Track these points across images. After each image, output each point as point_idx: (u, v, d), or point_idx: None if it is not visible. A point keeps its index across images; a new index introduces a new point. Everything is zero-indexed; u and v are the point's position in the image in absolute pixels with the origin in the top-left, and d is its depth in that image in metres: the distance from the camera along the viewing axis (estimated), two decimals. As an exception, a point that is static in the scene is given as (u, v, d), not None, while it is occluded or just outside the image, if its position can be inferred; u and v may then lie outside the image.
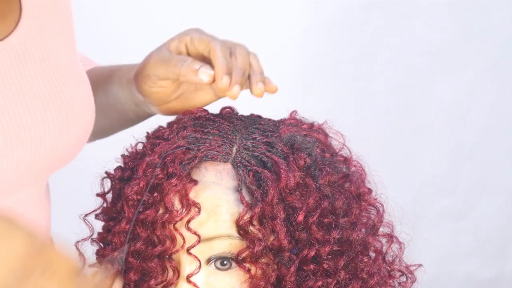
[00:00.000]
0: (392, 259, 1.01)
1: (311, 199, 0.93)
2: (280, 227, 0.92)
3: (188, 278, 0.93)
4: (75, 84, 1.01)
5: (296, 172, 0.94)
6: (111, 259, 0.96)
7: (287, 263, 0.93)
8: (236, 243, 0.93)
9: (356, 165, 1.02)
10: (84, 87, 1.03)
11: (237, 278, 0.94)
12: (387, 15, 2.59)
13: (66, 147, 0.99)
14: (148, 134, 1.02)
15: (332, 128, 1.02)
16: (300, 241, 0.94)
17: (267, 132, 0.99)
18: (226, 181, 0.94)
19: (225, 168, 0.95)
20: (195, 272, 0.93)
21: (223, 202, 0.93)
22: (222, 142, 0.96)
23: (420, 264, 1.01)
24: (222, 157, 0.95)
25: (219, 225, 0.92)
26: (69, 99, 0.99)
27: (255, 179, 0.93)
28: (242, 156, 0.95)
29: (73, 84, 1.00)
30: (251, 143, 0.97)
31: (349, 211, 0.97)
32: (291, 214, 0.93)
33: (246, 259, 0.93)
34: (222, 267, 0.93)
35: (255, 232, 0.92)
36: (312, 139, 0.99)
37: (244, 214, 0.92)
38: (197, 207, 0.92)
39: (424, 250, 1.01)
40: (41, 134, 0.95)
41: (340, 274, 0.95)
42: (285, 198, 0.93)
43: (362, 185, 1.01)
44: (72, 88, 1.00)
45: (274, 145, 0.96)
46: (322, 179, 0.95)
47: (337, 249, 0.95)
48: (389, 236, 1.01)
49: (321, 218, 0.94)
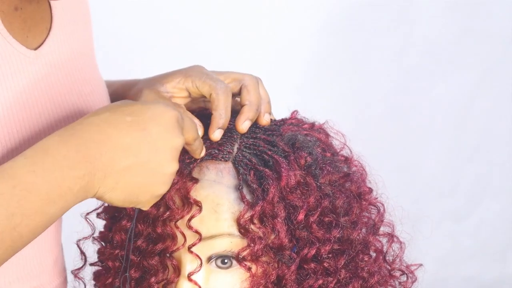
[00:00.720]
0: (392, 258, 1.01)
1: (312, 197, 0.93)
2: (280, 226, 0.92)
3: (189, 277, 0.93)
4: (98, 93, 1.02)
5: (297, 171, 0.94)
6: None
7: (288, 261, 0.94)
8: (237, 241, 0.93)
9: (357, 164, 1.02)
10: (106, 96, 1.04)
11: (237, 277, 0.94)
12: (387, 16, 2.59)
13: None
14: None
15: (333, 128, 1.02)
16: (300, 239, 0.94)
17: (268, 131, 0.99)
18: (227, 179, 0.94)
19: (226, 166, 0.95)
20: (196, 270, 0.93)
21: (224, 201, 0.93)
22: (223, 141, 0.97)
23: (420, 264, 1.01)
24: (223, 155, 0.95)
25: (220, 224, 0.93)
26: (95, 108, 0.99)
27: (256, 177, 0.93)
28: (243, 154, 0.95)
29: (97, 94, 1.02)
30: (252, 142, 0.97)
31: (349, 210, 0.97)
32: (292, 212, 0.93)
33: (247, 258, 0.93)
34: (222, 266, 0.94)
35: (255, 231, 0.92)
36: (313, 139, 1.00)
37: (245, 213, 0.92)
38: (198, 205, 0.92)
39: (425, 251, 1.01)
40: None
41: (340, 273, 0.95)
42: (285, 196, 0.93)
43: (362, 184, 1.01)
44: (96, 97, 1.01)
45: (275, 144, 0.96)
46: (322, 178, 0.96)
47: (338, 248, 0.95)
48: (390, 235, 1.01)
49: (321, 217, 0.94)
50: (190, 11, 2.45)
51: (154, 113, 0.86)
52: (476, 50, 2.65)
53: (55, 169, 0.80)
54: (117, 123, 0.84)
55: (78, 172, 0.81)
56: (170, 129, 0.86)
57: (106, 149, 0.83)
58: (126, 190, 0.85)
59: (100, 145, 0.83)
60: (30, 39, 0.94)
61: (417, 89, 2.66)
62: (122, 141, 0.84)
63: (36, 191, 0.79)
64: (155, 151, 0.85)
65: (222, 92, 0.97)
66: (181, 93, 1.02)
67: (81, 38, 1.02)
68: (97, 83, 1.03)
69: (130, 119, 0.84)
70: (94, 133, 0.83)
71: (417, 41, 2.62)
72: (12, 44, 0.91)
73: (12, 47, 0.91)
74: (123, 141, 0.84)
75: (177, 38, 2.43)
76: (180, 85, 1.01)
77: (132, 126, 0.84)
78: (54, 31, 0.97)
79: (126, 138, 0.84)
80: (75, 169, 0.81)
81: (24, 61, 0.92)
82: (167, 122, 0.86)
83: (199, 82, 0.99)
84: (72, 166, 0.81)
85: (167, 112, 0.86)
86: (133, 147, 0.84)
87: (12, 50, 0.91)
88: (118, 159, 0.83)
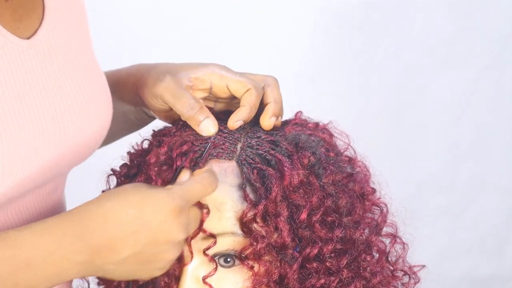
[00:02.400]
0: (395, 259, 1.02)
1: (315, 197, 0.94)
2: (283, 225, 0.92)
3: (204, 280, 0.93)
4: (95, 80, 1.02)
5: (300, 170, 0.94)
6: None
7: (290, 260, 0.94)
8: (239, 240, 0.93)
9: (361, 165, 1.02)
10: (102, 83, 1.04)
11: (240, 275, 0.94)
12: (385, 14, 2.59)
13: (88, 141, 1.00)
14: (154, 131, 1.02)
15: (337, 128, 1.03)
16: (303, 239, 0.94)
17: (271, 131, 0.99)
18: (231, 178, 0.94)
19: (229, 165, 0.95)
20: (211, 274, 0.93)
21: (228, 200, 0.93)
22: (226, 140, 0.97)
23: (423, 265, 1.02)
24: (227, 154, 0.95)
25: (223, 222, 0.93)
26: (91, 94, 0.99)
27: (259, 176, 0.94)
28: (247, 154, 0.95)
29: (93, 80, 1.01)
30: (256, 141, 0.97)
31: (352, 210, 0.97)
32: (295, 212, 0.93)
33: (250, 256, 0.93)
34: (225, 264, 0.94)
35: (258, 230, 0.92)
36: (317, 139, 1.00)
37: (248, 212, 0.92)
38: (205, 208, 0.93)
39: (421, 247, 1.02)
40: (65, 128, 0.96)
41: (342, 273, 0.95)
42: (288, 196, 0.93)
43: (366, 185, 1.01)
44: (93, 84, 1.01)
45: (278, 143, 0.96)
46: (326, 178, 0.96)
47: (340, 248, 0.95)
48: (393, 236, 1.02)
49: (324, 217, 0.94)
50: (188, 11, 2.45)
51: (156, 205, 0.86)
52: (473, 48, 2.65)
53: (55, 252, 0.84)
54: (119, 217, 0.86)
55: (80, 259, 0.85)
56: (170, 222, 0.86)
57: (107, 241, 0.85)
58: (123, 275, 0.88)
59: (100, 236, 0.85)
60: (22, 29, 0.93)
61: (414, 87, 2.66)
62: (121, 234, 0.85)
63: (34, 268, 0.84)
64: (153, 243, 0.86)
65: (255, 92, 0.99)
66: (203, 85, 1.02)
67: (75, 26, 1.01)
68: (92, 70, 1.02)
69: (132, 212, 0.86)
70: (97, 223, 0.85)
71: (414, 39, 2.62)
72: (3, 34, 0.90)
73: (3, 37, 0.90)
74: (122, 234, 0.85)
75: (176, 38, 2.43)
76: (206, 77, 1.01)
77: (133, 220, 0.86)
78: (47, 19, 0.97)
79: (126, 231, 0.86)
80: (76, 255, 0.85)
81: (17, 50, 0.91)
82: (167, 215, 0.86)
83: (232, 79, 1.01)
84: (74, 252, 0.85)
85: (169, 204, 0.87)
86: (131, 239, 0.85)
87: (4, 40, 0.90)
88: (117, 251, 0.85)
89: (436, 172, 2.73)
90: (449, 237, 2.74)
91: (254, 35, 2.51)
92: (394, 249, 1.01)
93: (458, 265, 2.73)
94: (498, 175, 2.77)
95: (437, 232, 2.69)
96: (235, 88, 1.00)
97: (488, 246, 2.77)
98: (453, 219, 2.74)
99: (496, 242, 2.78)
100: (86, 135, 0.99)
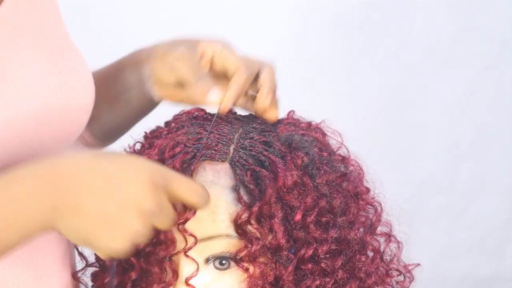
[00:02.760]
0: (390, 258, 1.01)
1: (309, 198, 0.93)
2: (278, 226, 0.92)
3: (187, 282, 0.93)
4: (73, 55, 1.00)
5: (293, 171, 0.93)
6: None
7: (285, 262, 0.93)
8: (234, 242, 0.93)
9: (354, 164, 1.02)
10: (80, 59, 1.02)
11: (235, 278, 0.94)
12: (385, 14, 2.59)
13: (72, 115, 0.98)
14: (146, 133, 1.02)
15: (330, 127, 1.02)
16: (298, 240, 0.93)
17: (264, 132, 0.99)
18: (224, 180, 0.94)
19: (223, 167, 0.94)
20: (193, 275, 0.93)
21: (221, 202, 0.93)
22: (219, 142, 0.96)
23: (418, 263, 1.01)
24: (220, 156, 0.95)
25: (217, 225, 0.92)
26: (70, 67, 0.97)
27: (253, 178, 0.93)
28: (240, 155, 0.95)
29: (72, 55, 0.99)
30: (249, 142, 0.97)
31: (347, 210, 0.97)
32: (289, 213, 0.93)
33: (244, 259, 0.92)
34: (220, 267, 0.93)
35: (253, 231, 0.92)
36: (310, 138, 0.99)
37: (242, 213, 0.92)
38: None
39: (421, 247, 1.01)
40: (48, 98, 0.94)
41: (338, 274, 0.95)
42: (282, 197, 0.93)
43: (360, 184, 1.00)
44: (71, 58, 0.99)
45: (271, 144, 0.96)
46: (319, 178, 0.95)
47: (335, 248, 0.95)
48: (387, 235, 1.01)
49: (319, 217, 0.94)
50: (188, 11, 2.45)
51: (134, 168, 0.85)
52: (473, 48, 2.65)
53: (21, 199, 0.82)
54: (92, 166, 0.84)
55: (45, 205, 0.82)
56: (140, 186, 0.84)
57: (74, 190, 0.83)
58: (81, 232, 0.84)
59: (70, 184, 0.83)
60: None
61: (414, 87, 2.66)
62: (89, 181, 0.83)
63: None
64: (118, 200, 0.83)
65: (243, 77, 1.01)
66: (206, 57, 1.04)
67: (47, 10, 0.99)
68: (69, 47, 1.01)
69: (107, 165, 0.84)
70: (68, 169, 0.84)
71: (414, 39, 2.62)
72: None
73: None
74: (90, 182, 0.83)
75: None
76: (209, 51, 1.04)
77: (105, 171, 0.84)
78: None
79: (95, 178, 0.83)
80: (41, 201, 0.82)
81: None
82: (142, 179, 0.84)
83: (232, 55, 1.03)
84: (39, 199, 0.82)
85: (148, 171, 0.85)
86: (98, 188, 0.83)
87: None
88: (81, 194, 0.83)
89: (436, 172, 2.73)
90: (449, 237, 2.74)
91: (254, 35, 2.50)
92: (389, 248, 1.01)
93: (458, 265, 2.73)
94: (498, 175, 2.77)
95: (437, 232, 2.69)
96: (227, 66, 1.01)
97: (488, 246, 2.77)
98: (453, 219, 2.74)
99: (496, 242, 2.78)
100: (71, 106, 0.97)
